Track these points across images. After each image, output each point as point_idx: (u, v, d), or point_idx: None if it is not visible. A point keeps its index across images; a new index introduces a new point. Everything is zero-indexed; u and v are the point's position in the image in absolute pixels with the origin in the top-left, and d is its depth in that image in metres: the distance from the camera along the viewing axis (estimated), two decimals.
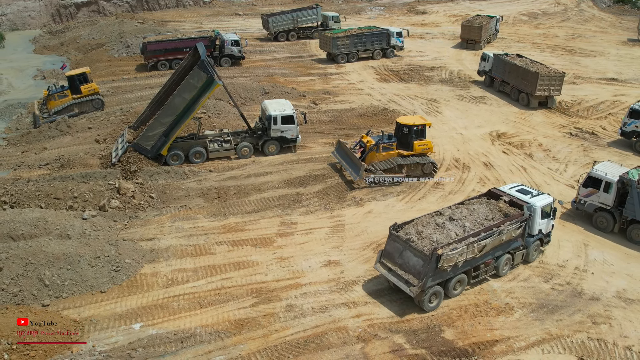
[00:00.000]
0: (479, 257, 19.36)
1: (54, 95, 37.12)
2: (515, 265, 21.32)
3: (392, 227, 19.54)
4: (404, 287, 18.39)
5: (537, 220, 21.07)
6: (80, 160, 29.32)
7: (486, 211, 20.72)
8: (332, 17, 60.92)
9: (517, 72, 40.53)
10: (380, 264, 19.51)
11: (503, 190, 22.08)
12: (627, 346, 17.55)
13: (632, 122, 32.19)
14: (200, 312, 18.80)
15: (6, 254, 19.76)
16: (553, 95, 39.43)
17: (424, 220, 20.07)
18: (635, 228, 23.40)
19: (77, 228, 22.58)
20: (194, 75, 27.84)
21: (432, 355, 16.96)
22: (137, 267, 21.05)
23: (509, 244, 20.41)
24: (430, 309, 18.79)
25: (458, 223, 19.80)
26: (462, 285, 19.63)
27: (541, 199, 21.31)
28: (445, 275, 18.67)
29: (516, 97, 40.92)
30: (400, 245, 19.03)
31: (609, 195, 23.70)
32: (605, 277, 21.05)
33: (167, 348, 17.12)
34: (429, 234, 19.11)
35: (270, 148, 30.82)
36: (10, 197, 24.69)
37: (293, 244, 22.91)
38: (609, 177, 23.76)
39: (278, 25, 59.04)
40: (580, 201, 24.89)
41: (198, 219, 24.66)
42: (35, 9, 68.29)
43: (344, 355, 16.89)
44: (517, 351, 17.27)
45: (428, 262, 17.91)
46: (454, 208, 20.99)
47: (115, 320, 18.35)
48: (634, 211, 23.08)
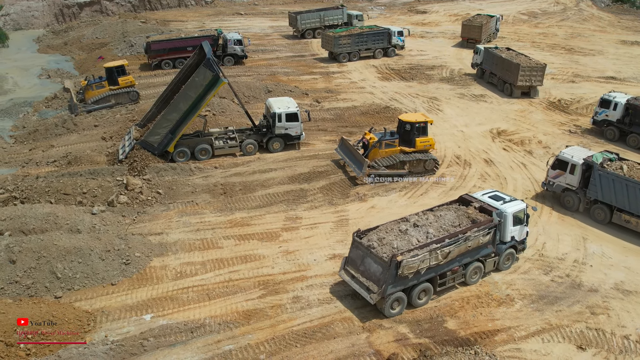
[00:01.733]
0: (444, 264, 18.84)
1: (91, 86, 38.39)
2: (487, 273, 20.76)
3: (355, 234, 19.29)
4: (364, 294, 18.13)
5: (509, 227, 20.49)
6: (88, 157, 29.82)
7: (453, 217, 20.20)
8: (356, 16, 62.57)
9: (502, 64, 42.91)
10: (344, 270, 19.27)
11: (475, 196, 21.59)
12: (624, 335, 18.07)
13: (603, 111, 34.27)
14: (209, 303, 19.31)
15: (19, 248, 20.25)
16: (535, 86, 41.69)
17: (388, 227, 19.72)
18: (597, 208, 24.98)
19: (87, 223, 23.06)
20: (200, 73, 28.32)
21: (435, 345, 17.46)
22: (146, 260, 21.55)
23: (478, 251, 19.81)
24: (393, 315, 18.48)
25: (422, 229, 19.38)
26: (427, 294, 19.12)
27: (513, 205, 20.75)
28: (408, 282, 18.28)
29: (501, 87, 43.27)
30: (362, 252, 18.77)
31: (575, 177, 25.34)
32: (603, 270, 21.57)
33: (177, 338, 17.63)
34: (390, 241, 18.76)
35: (275, 145, 31.32)
36: (21, 193, 25.17)
37: (298, 238, 23.41)
38: (574, 159, 25.35)
39: (306, 23, 60.42)
40: (549, 182, 26.49)
41: (205, 214, 25.16)
42: (38, 8, 68.75)
43: (349, 345, 17.39)
44: (518, 340, 17.78)
45: (387, 268, 17.64)
46: (421, 214, 20.56)
47: (127, 311, 18.85)
48: (596, 192, 24.64)
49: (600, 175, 24.34)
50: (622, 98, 33.81)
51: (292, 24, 61.57)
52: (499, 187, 28.14)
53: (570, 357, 17.18)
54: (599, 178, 24.42)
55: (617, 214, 24.28)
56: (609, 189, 24.15)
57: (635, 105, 32.87)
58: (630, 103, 33.13)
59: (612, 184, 24.03)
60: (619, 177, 23.81)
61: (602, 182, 24.34)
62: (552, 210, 26.03)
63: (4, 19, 66.18)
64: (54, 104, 40.25)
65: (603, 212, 24.78)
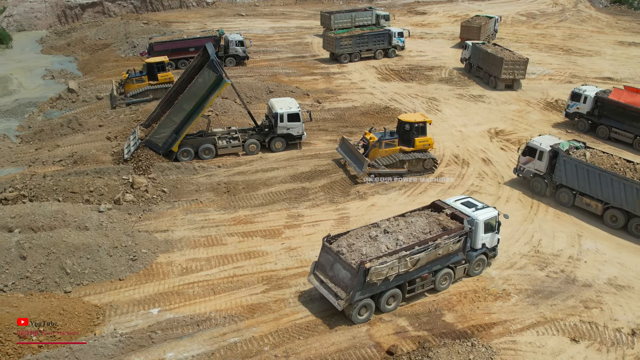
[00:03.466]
0: (413, 271, 18.75)
1: (132, 79, 39.71)
2: (457, 280, 20.74)
3: (325, 239, 19.23)
4: (332, 300, 18.02)
5: (480, 234, 20.43)
6: (93, 156, 30.38)
7: (424, 224, 20.10)
8: (383, 16, 64.66)
9: (488, 58, 45.49)
10: (314, 275, 19.15)
11: (447, 202, 21.55)
12: (616, 328, 18.67)
13: (574, 104, 36.14)
14: (214, 298, 19.89)
15: (29, 244, 20.82)
16: (518, 79, 44.29)
17: (358, 232, 19.64)
18: (562, 192, 26.84)
19: (94, 220, 23.62)
20: (204, 74, 28.92)
21: (434, 337, 18.03)
22: (152, 256, 22.14)
23: (448, 258, 19.73)
24: (360, 321, 18.41)
25: (392, 236, 19.30)
26: (396, 300, 19.01)
27: (484, 213, 20.69)
28: (376, 289, 18.20)
29: (487, 80, 45.73)
30: (331, 257, 18.66)
31: (542, 163, 27.14)
32: (597, 266, 22.17)
33: (184, 330, 18.21)
34: (360, 247, 18.70)
35: (277, 145, 31.93)
36: (29, 191, 25.75)
37: (300, 235, 24.00)
38: (542, 146, 27.19)
39: (338, 22, 62.08)
40: (520, 168, 28.30)
41: (209, 211, 25.75)
42: (41, 9, 69.39)
43: (350, 337, 17.97)
44: (514, 333, 18.37)
45: (355, 275, 17.55)
46: (392, 220, 20.45)
47: (134, 305, 19.43)
48: (561, 177, 26.46)
49: (565, 162, 26.12)
50: (592, 91, 35.55)
51: (325, 23, 63.57)
52: (496, 186, 28.81)
53: (564, 349, 17.77)
54: (563, 164, 26.23)
55: (579, 198, 26.06)
56: (573, 174, 25.94)
57: (603, 98, 34.52)
58: (598, 96, 34.82)
59: (575, 170, 25.81)
60: (581, 163, 25.61)
61: (566, 167, 26.14)
62: (548, 208, 26.64)
63: (7, 20, 66.85)
64: (59, 104, 40.87)
65: (567, 195, 26.56)
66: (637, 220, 24.12)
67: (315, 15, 77.74)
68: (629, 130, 33.44)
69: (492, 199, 27.29)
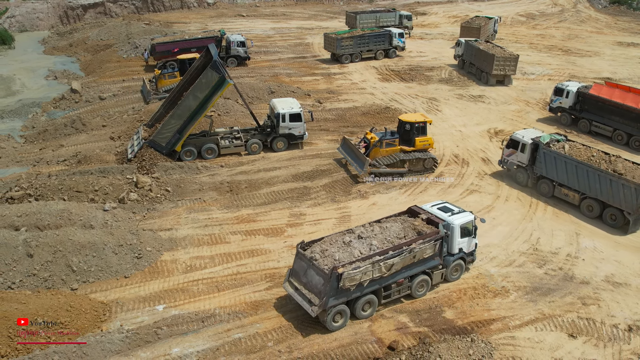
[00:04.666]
0: (388, 276, 18.60)
1: (164, 75, 41.16)
2: (435, 286, 20.55)
3: (298, 245, 19.11)
4: (306, 306, 17.85)
5: (457, 238, 20.30)
6: (97, 156, 30.71)
7: (399, 229, 19.93)
8: (406, 16, 66.40)
9: (480, 55, 47.22)
10: (289, 282, 19.03)
11: (424, 208, 21.40)
12: (613, 324, 19.02)
13: (557, 99, 37.59)
14: (218, 295, 20.24)
15: (36, 242, 21.15)
16: (509, 75, 45.91)
17: (332, 238, 19.51)
18: (542, 182, 27.93)
19: (100, 219, 23.94)
20: (207, 75, 29.25)
21: (434, 333, 18.38)
22: (157, 254, 22.49)
23: (424, 263, 19.57)
24: (335, 328, 18.17)
25: (365, 241, 19.14)
26: (372, 306, 18.81)
27: (460, 217, 20.52)
28: (350, 295, 18.01)
29: (479, 76, 47.40)
30: (305, 263, 18.52)
31: (524, 155, 28.23)
32: (595, 263, 22.53)
33: (189, 327, 18.55)
34: (333, 253, 18.54)
35: (279, 144, 32.28)
36: (35, 191, 26.06)
37: (302, 233, 24.32)
38: (525, 139, 28.30)
39: (364, 22, 63.59)
40: (504, 160, 29.50)
41: (212, 210, 26.10)
42: (43, 10, 69.77)
43: (352, 333, 18.31)
44: (512, 329, 18.72)
45: (328, 280, 17.38)
46: (367, 226, 20.31)
47: (140, 302, 19.76)
48: (541, 168, 27.55)
49: (545, 154, 27.21)
50: (574, 86, 36.90)
51: (350, 23, 64.99)
52: (495, 184, 29.17)
53: (562, 344, 18.11)
54: (543, 156, 27.34)
55: (558, 188, 27.17)
56: (552, 165, 27.04)
57: (584, 93, 35.89)
58: (580, 91, 36.17)
59: (554, 161, 26.91)
60: (560, 155, 26.72)
61: (546, 159, 27.24)
62: (547, 207, 27.00)
63: (9, 21, 67.22)
64: (62, 105, 41.22)
65: (547, 186, 27.67)
66: (611, 210, 25.17)
67: (315, 16, 78.27)
68: (608, 124, 34.89)
69: (492, 198, 27.68)
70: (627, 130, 33.97)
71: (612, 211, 25.08)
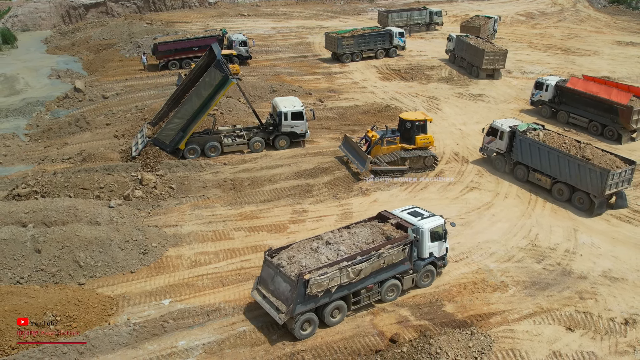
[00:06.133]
0: (356, 282, 18.39)
1: None
2: (406, 291, 20.37)
3: (266, 253, 19.00)
4: (273, 314, 17.67)
5: (427, 243, 20.08)
6: (101, 154, 31.10)
7: (367, 234, 19.77)
8: (436, 13, 67.91)
9: (470, 50, 49.01)
10: (257, 290, 18.87)
11: (393, 212, 21.17)
12: (610, 318, 19.41)
13: (538, 92, 39.22)
14: (223, 289, 20.61)
15: (44, 238, 21.52)
16: (498, 69, 47.95)
17: (300, 245, 19.26)
18: (518, 168, 29.53)
19: (105, 215, 24.38)
20: (210, 74, 29.63)
21: (434, 326, 18.76)
22: (162, 250, 22.87)
23: (394, 268, 19.38)
24: (304, 336, 17.90)
25: (333, 247, 18.93)
26: (341, 312, 18.60)
27: (430, 221, 20.30)
28: (318, 301, 17.73)
29: (470, 70, 49.34)
30: (272, 270, 18.38)
31: (503, 142, 29.88)
32: (592, 259, 22.92)
33: (195, 320, 18.93)
34: (300, 259, 18.32)
35: (281, 142, 32.68)
36: (41, 188, 26.44)
37: (305, 229, 24.71)
38: (503, 127, 29.98)
39: (395, 20, 65.20)
40: (484, 147, 31.20)
41: (216, 207, 26.50)
42: (45, 10, 70.18)
43: (355, 326, 18.70)
44: (511, 322, 19.10)
45: (295, 287, 17.19)
46: (336, 232, 20.12)
47: (146, 296, 20.14)
48: (517, 154, 29.17)
49: (520, 141, 28.87)
50: (553, 80, 38.51)
51: (382, 21, 66.37)
52: (494, 182, 29.56)
53: (559, 337, 18.50)
54: (519, 143, 28.95)
55: (532, 173, 28.73)
56: (527, 152, 28.61)
57: (562, 86, 37.48)
58: (558, 85, 37.74)
59: (529, 148, 28.48)
60: (534, 142, 28.27)
61: (521, 146, 28.85)
62: (546, 204, 27.40)
63: (11, 20, 67.62)
64: (66, 103, 41.60)
65: (522, 171, 29.26)
66: (579, 194, 26.68)
67: (316, 15, 78.67)
68: (584, 115, 36.43)
69: (491, 195, 28.08)
70: (601, 121, 35.45)
71: (580, 195, 26.58)
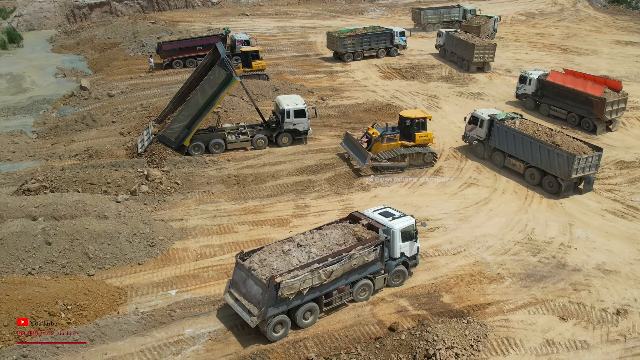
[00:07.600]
0: (328, 283, 18.43)
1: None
2: (378, 290, 20.54)
3: (237, 256, 19.01)
4: (245, 317, 17.72)
5: (398, 243, 20.24)
6: (108, 151, 31.82)
7: (339, 236, 19.82)
8: (470, 11, 68.14)
9: (461, 44, 51.14)
10: (229, 294, 18.90)
11: (364, 213, 21.33)
12: (602, 308, 20.06)
13: (522, 86, 41.02)
14: (227, 280, 21.25)
15: (54, 231, 22.22)
16: (488, 62, 49.98)
17: (272, 248, 19.36)
18: (496, 154, 31.31)
19: (113, 210, 25.01)
20: (215, 72, 30.29)
21: (432, 316, 19.43)
22: (169, 243, 23.58)
23: (365, 268, 19.45)
24: (276, 338, 17.94)
25: (304, 249, 18.96)
26: (313, 314, 18.67)
27: (401, 222, 20.44)
28: (290, 304, 17.79)
29: (460, 64, 51.23)
30: (244, 273, 18.40)
31: (483, 130, 31.57)
32: (587, 252, 23.56)
33: (201, 309, 19.62)
34: (271, 262, 18.39)
35: (284, 140, 33.35)
36: (50, 183, 27.16)
37: (307, 224, 25.34)
38: (483, 116, 31.69)
39: (428, 18, 66.59)
40: (466, 135, 32.89)
41: (220, 202, 27.18)
42: (50, 9, 70.87)
43: (355, 315, 19.38)
44: (507, 312, 19.77)
45: (266, 290, 17.21)
46: (308, 233, 20.16)
47: (154, 287, 20.84)
48: (495, 141, 30.95)
49: (498, 128, 30.62)
50: (536, 74, 40.08)
51: (415, 19, 67.64)
52: (492, 178, 30.19)
53: (553, 326, 19.16)
54: (497, 130, 30.68)
55: (507, 159, 30.50)
56: (503, 139, 30.35)
57: (543, 80, 39.24)
58: (540, 78, 39.45)
59: (505, 135, 30.21)
60: (510, 129, 30.06)
61: (499, 133, 30.58)
62: (542, 199, 28.03)
63: (17, 20, 68.34)
64: (72, 102, 42.28)
65: (499, 157, 31.02)
66: (549, 178, 28.36)
67: (318, 15, 79.27)
68: (563, 107, 38.20)
69: (489, 191, 28.72)
70: (578, 112, 37.08)
71: (550, 179, 28.23)
